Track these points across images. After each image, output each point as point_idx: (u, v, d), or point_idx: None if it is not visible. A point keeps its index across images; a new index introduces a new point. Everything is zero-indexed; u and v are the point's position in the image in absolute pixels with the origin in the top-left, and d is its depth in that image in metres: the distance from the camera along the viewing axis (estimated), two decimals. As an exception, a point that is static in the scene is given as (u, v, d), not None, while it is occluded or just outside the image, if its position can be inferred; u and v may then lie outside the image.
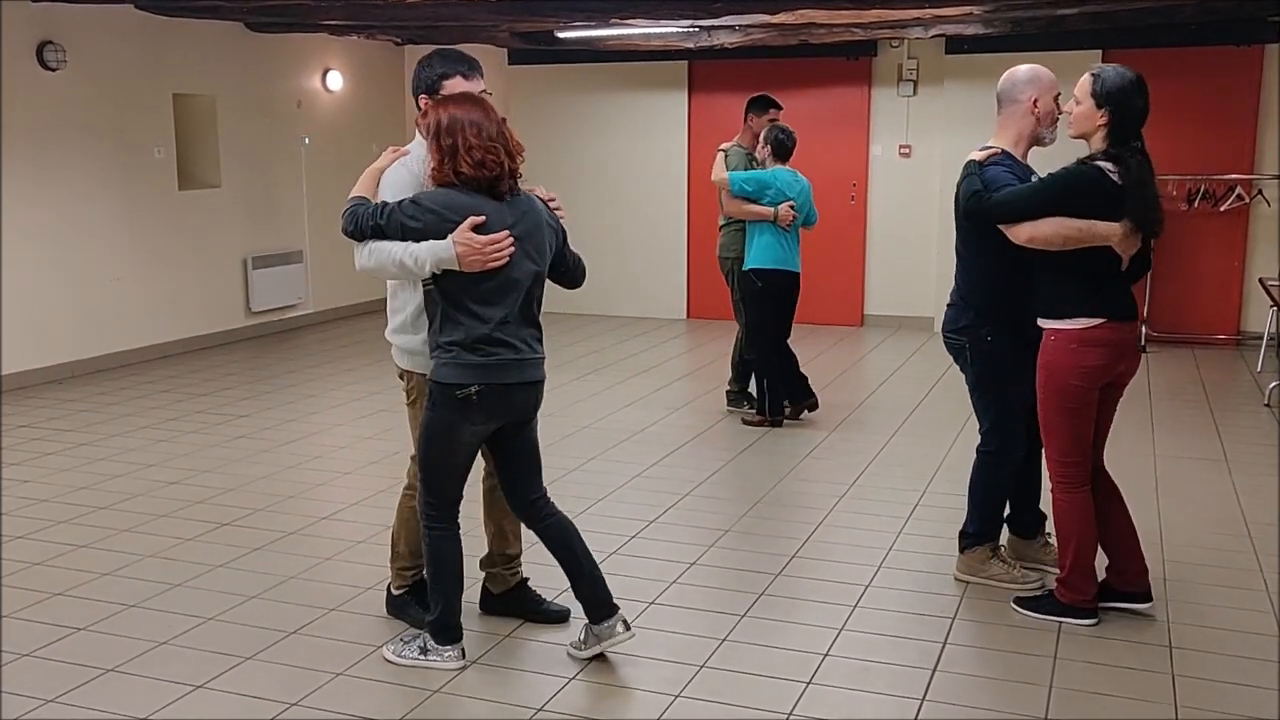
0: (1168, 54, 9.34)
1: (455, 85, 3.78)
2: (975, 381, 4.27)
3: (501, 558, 4.12)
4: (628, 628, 3.75)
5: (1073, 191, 3.91)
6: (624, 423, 6.90)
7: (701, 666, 3.74)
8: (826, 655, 3.81)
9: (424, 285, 3.60)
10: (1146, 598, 4.08)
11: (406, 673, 3.67)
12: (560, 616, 4.06)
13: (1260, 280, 8.72)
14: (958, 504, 5.35)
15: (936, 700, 3.50)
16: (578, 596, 3.78)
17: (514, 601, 4.12)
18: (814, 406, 6.93)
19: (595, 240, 10.21)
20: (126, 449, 6.30)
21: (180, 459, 6.13)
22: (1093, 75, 4.07)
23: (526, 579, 4.17)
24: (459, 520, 3.71)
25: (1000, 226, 3.97)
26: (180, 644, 3.90)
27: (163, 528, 5.05)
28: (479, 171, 3.46)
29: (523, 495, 3.80)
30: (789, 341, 6.88)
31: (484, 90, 3.82)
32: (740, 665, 3.76)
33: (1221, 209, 9.28)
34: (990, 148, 4.17)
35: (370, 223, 3.53)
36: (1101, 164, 3.93)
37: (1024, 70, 4.17)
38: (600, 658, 3.77)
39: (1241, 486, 5.61)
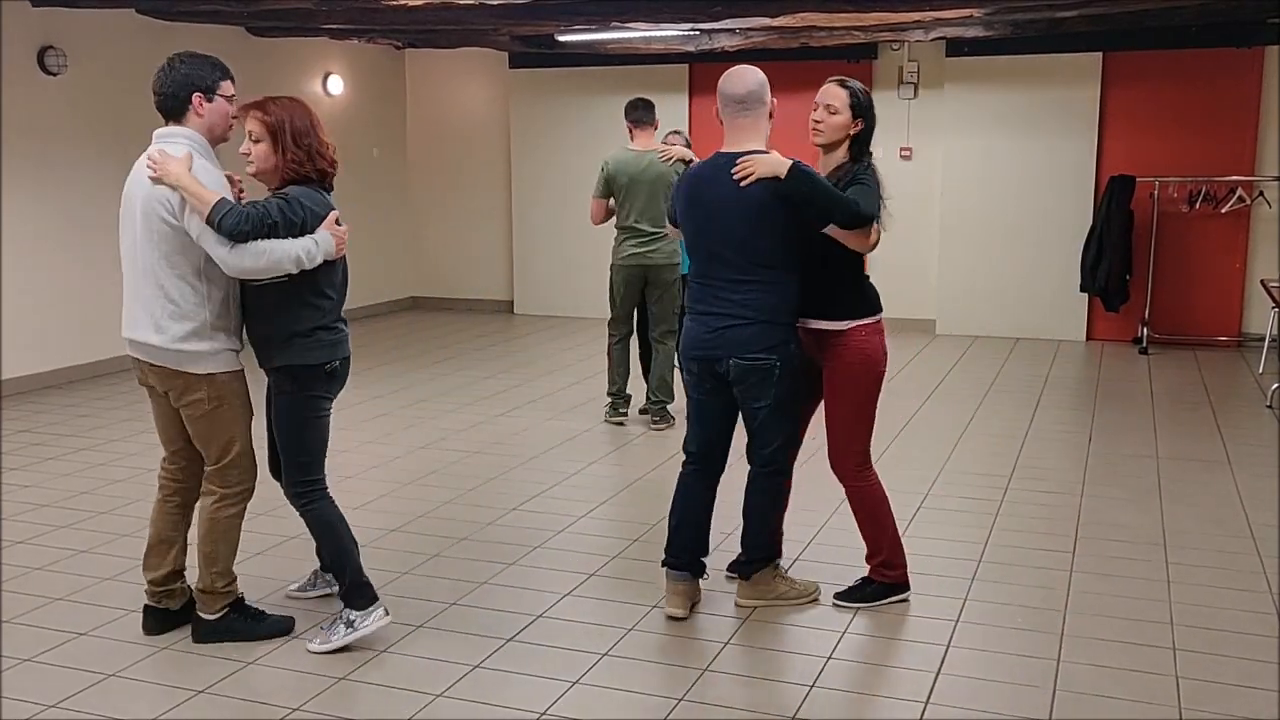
0: (1168, 56, 9.34)
1: (228, 88, 3.92)
2: (779, 401, 3.98)
3: (174, 575, 3.99)
4: (386, 613, 3.94)
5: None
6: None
7: (705, 670, 3.73)
8: (829, 659, 3.80)
9: (279, 279, 3.70)
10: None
11: (406, 676, 3.66)
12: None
13: (1262, 282, 8.72)
14: (961, 506, 5.36)
15: (940, 704, 3.49)
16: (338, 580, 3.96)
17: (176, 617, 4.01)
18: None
19: (595, 244, 10.20)
20: (127, 454, 6.29)
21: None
22: (846, 87, 4.19)
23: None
24: None
25: (861, 230, 3.93)
26: (180, 649, 3.89)
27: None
28: (334, 169, 3.85)
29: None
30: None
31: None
32: (744, 668, 3.76)
33: (1223, 211, 9.28)
34: (761, 152, 3.97)
35: (267, 221, 3.62)
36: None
37: (758, 73, 4.08)
38: (604, 664, 3.76)
39: (1244, 488, 5.61)
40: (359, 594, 3.89)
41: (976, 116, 9.88)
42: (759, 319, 3.90)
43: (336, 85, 10.72)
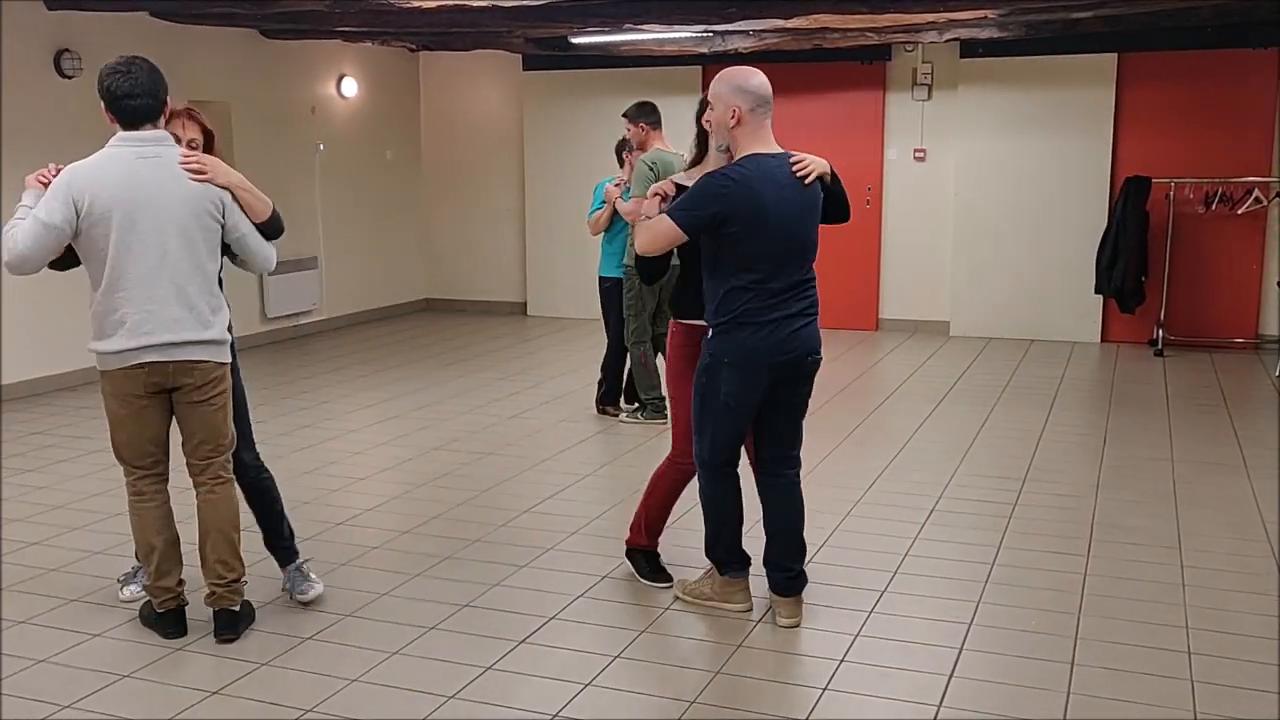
0: (1183, 57, 9.30)
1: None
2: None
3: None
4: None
5: None
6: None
7: (716, 673, 3.73)
8: (842, 661, 3.79)
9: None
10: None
11: (419, 678, 3.67)
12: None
13: (1278, 283, 8.67)
14: (975, 509, 5.34)
15: (953, 706, 3.48)
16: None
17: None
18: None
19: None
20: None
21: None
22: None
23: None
24: None
25: None
26: (195, 651, 3.90)
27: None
28: None
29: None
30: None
31: None
32: (756, 671, 3.76)
33: (1239, 212, 9.23)
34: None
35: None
36: None
37: None
38: (616, 666, 3.76)
39: (1260, 492, 5.57)
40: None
41: (991, 118, 9.85)
42: (816, 314, 4.00)
43: (350, 88, 10.75)
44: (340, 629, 4.06)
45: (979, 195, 9.99)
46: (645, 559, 4.49)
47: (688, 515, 4.81)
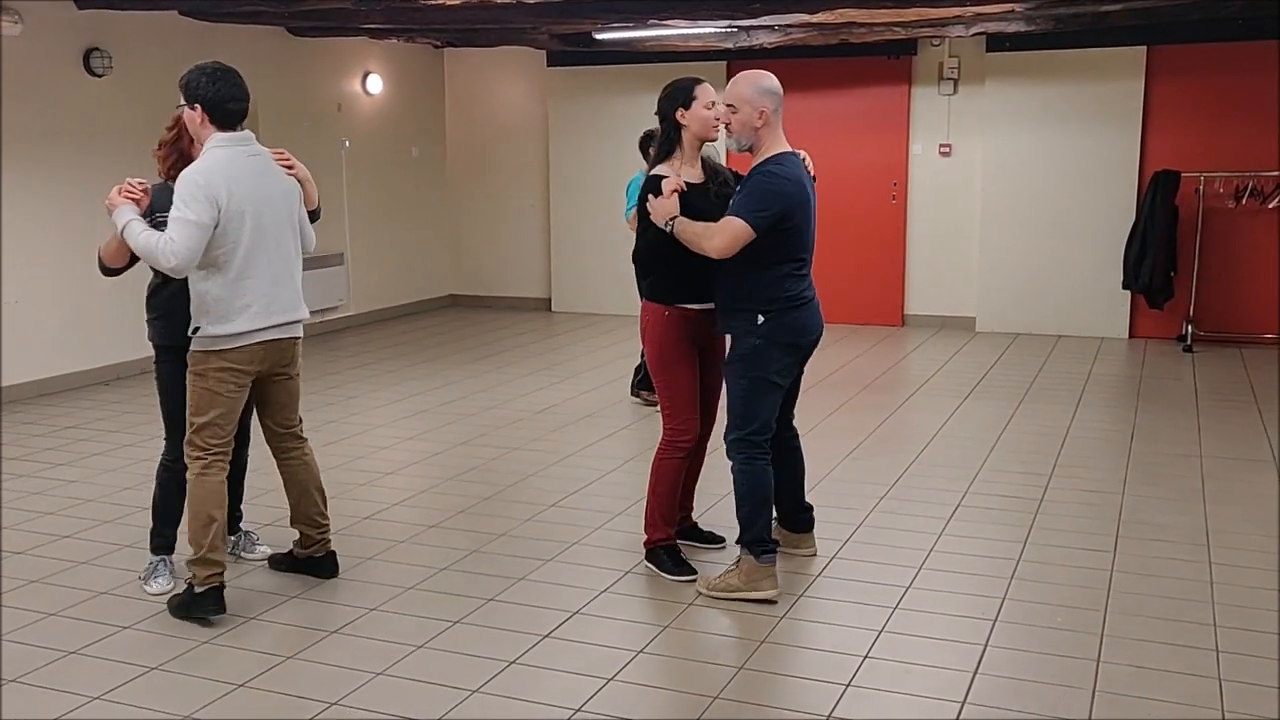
0: (1214, 49, 9.21)
1: None
2: None
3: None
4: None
5: None
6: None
7: (740, 668, 3.73)
8: (866, 657, 3.79)
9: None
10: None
11: (442, 671, 3.69)
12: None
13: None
14: (1001, 505, 5.32)
15: (977, 703, 3.47)
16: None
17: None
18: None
19: (632, 241, 10.22)
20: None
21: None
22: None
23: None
24: None
25: None
26: (222, 643, 3.94)
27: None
28: None
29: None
30: None
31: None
32: (779, 667, 3.76)
33: (1270, 206, 9.13)
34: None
35: None
36: None
37: None
38: (639, 661, 3.77)
39: (1290, 488, 5.52)
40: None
41: (1018, 112, 9.79)
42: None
43: (376, 84, 10.79)
44: (366, 623, 4.09)
45: (1006, 190, 9.93)
46: (667, 554, 4.50)
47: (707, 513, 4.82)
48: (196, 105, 3.98)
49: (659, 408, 4.48)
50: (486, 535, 4.98)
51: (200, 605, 4.06)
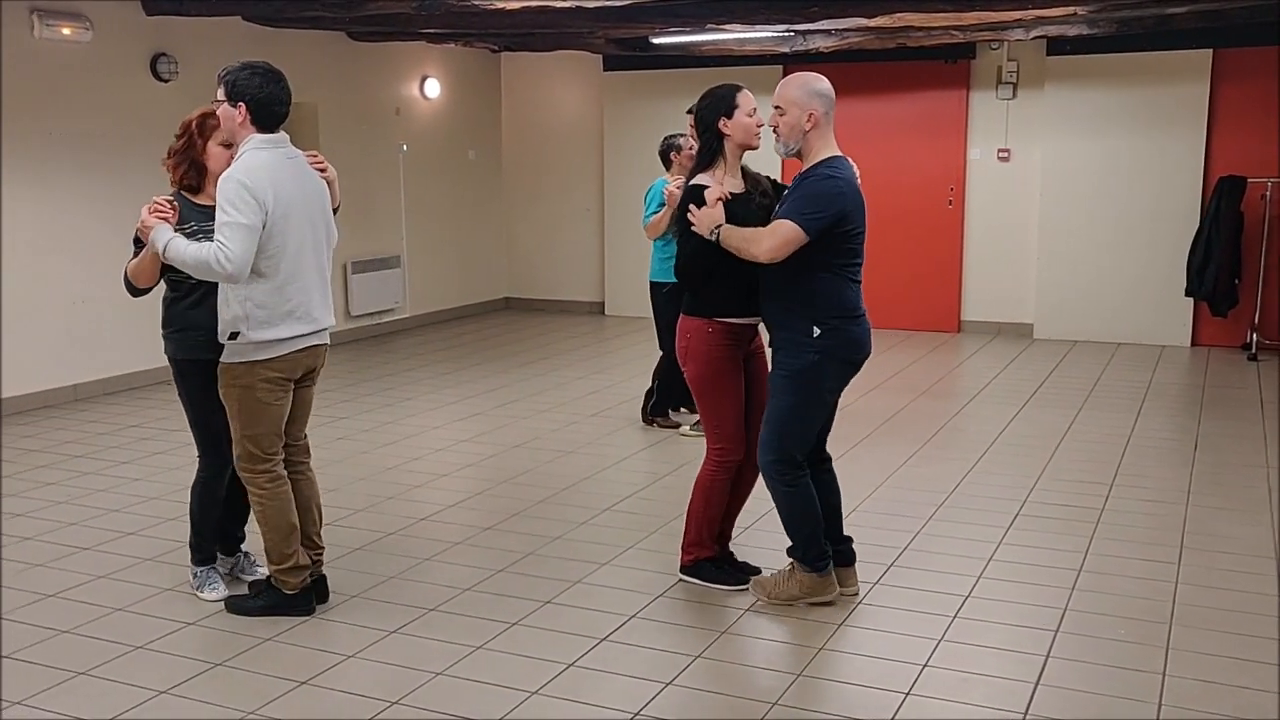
0: (1282, 52, 9.05)
1: None
2: None
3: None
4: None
5: None
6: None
7: (799, 675, 3.72)
8: (925, 666, 3.75)
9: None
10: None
11: (501, 673, 3.71)
12: None
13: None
14: (1060, 514, 5.25)
15: (1039, 715, 3.43)
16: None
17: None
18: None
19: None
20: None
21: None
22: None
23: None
24: None
25: None
26: (284, 641, 3.99)
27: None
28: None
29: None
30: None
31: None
32: (838, 674, 3.74)
33: (1338, 212, 8.95)
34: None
35: None
36: None
37: None
38: (697, 666, 3.77)
39: (1361, 501, 5.40)
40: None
41: (1078, 116, 9.66)
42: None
43: (433, 88, 10.88)
44: (425, 623, 4.12)
45: (1065, 195, 9.81)
46: (713, 565, 4.42)
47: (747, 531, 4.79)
48: (241, 104, 3.87)
49: (681, 432, 4.38)
50: (542, 538, 5.00)
51: (303, 602, 4.14)
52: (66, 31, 7.47)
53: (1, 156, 7.22)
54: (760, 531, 4.91)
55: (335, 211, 4.26)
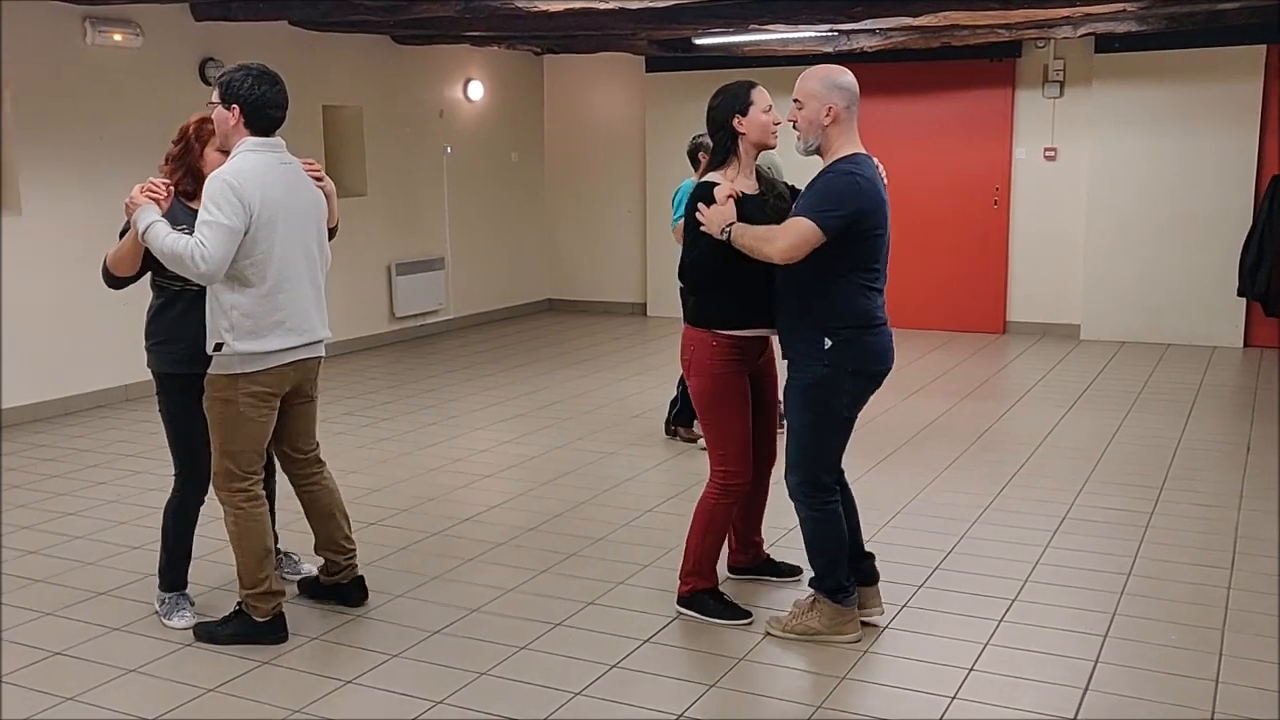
0: (1337, 48, 8.88)
1: None
2: None
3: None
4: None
5: None
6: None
7: (843, 678, 3.69)
8: (972, 670, 3.72)
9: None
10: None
11: (544, 673, 3.71)
12: None
13: None
14: (1109, 518, 5.18)
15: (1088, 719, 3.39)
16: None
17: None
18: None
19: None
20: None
21: (327, 459, 6.30)
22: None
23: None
24: None
25: None
26: (330, 640, 4.02)
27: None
28: None
29: None
30: None
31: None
32: (883, 678, 3.71)
33: (1395, 211, 8.76)
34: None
35: None
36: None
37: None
38: (741, 668, 3.75)
39: None
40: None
41: (1126, 114, 9.54)
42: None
43: (477, 91, 10.94)
44: (467, 624, 4.14)
45: (1113, 195, 9.68)
46: (712, 597, 4.16)
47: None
48: (235, 106, 3.77)
49: (701, 445, 4.22)
50: (584, 539, 5.01)
51: (263, 633, 3.94)
52: (117, 38, 7.58)
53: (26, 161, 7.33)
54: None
55: (334, 232, 4.10)
